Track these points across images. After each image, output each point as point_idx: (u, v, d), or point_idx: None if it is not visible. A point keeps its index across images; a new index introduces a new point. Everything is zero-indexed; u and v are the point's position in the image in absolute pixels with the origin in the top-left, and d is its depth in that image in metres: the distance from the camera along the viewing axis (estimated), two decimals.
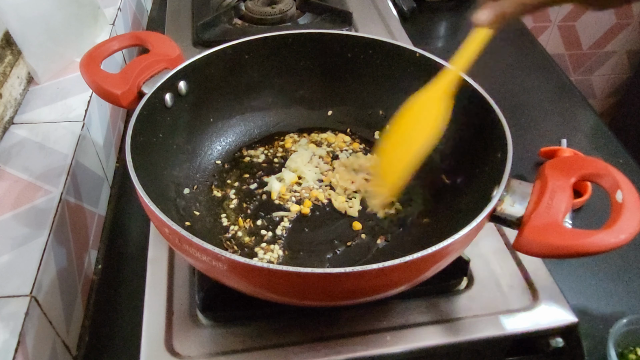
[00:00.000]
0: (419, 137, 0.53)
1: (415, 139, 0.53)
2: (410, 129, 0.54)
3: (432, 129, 0.52)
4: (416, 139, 0.53)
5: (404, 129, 0.55)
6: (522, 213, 0.44)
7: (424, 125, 0.53)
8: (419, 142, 0.52)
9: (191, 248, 0.41)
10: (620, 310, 0.59)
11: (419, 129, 0.53)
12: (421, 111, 0.54)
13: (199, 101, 0.62)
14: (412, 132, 0.54)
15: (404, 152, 0.53)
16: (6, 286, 0.49)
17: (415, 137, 0.53)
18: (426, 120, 0.53)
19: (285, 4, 0.95)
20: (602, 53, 1.79)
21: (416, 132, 0.54)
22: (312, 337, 0.49)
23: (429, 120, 0.53)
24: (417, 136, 0.53)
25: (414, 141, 0.53)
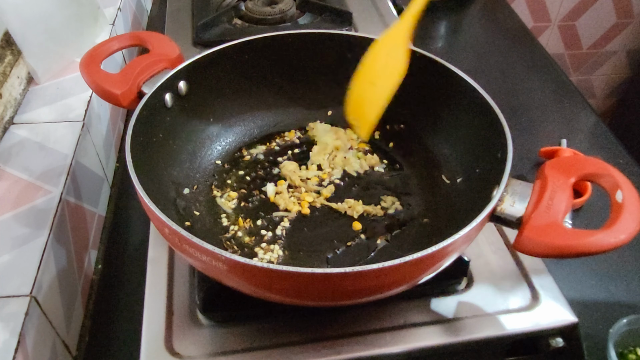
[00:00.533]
0: (384, 75, 0.59)
1: (381, 77, 0.59)
2: (376, 68, 0.60)
3: (396, 67, 0.58)
4: (382, 77, 0.59)
5: (370, 68, 0.60)
6: (522, 213, 0.44)
7: (388, 64, 0.59)
8: (386, 79, 0.58)
9: (191, 248, 0.41)
10: (620, 310, 0.59)
11: (384, 68, 0.59)
12: (385, 51, 0.60)
13: (199, 101, 0.62)
14: (378, 71, 0.60)
15: (373, 90, 0.59)
16: (6, 286, 0.49)
17: (381, 75, 0.59)
18: (390, 59, 0.59)
19: (285, 4, 0.95)
20: (602, 53, 1.79)
21: (382, 71, 0.59)
22: (312, 337, 0.49)
23: (392, 59, 0.59)
24: (383, 74, 0.59)
25: (380, 79, 0.59)
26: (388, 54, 0.60)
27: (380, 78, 0.60)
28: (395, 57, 0.59)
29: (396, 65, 0.58)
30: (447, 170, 0.61)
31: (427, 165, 0.63)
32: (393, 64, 0.59)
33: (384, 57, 0.60)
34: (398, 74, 0.58)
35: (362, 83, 0.60)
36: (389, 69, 0.59)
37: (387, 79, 0.59)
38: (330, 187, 0.62)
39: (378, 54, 0.60)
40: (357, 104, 0.61)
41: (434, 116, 0.64)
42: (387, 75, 0.59)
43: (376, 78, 0.60)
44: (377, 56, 0.60)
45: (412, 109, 0.66)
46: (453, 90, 0.58)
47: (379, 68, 0.60)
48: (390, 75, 0.58)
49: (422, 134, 0.65)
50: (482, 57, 1.02)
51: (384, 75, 0.59)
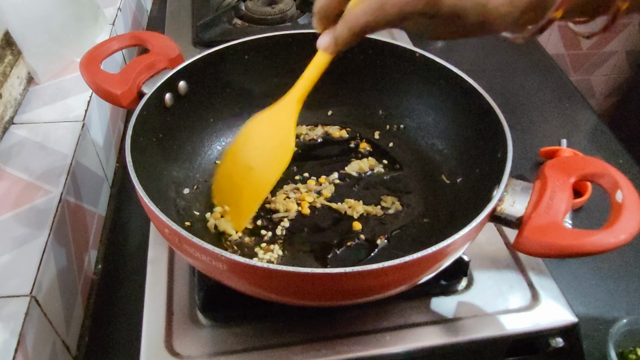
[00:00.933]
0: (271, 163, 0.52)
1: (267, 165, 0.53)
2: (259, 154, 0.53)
3: (285, 153, 0.52)
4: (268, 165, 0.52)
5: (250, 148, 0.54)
6: (522, 213, 0.44)
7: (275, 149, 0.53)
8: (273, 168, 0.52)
9: (191, 248, 0.41)
10: (620, 310, 0.59)
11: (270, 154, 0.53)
12: (271, 135, 0.53)
13: (199, 101, 0.62)
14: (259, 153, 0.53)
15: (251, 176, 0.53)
16: (6, 286, 0.49)
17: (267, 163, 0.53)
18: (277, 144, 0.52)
19: (285, 4, 0.95)
20: (602, 53, 1.79)
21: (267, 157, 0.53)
22: (312, 337, 0.49)
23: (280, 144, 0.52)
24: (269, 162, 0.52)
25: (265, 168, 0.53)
26: (273, 133, 0.53)
27: (262, 161, 0.53)
28: (281, 138, 0.52)
29: (282, 147, 0.52)
30: (447, 170, 0.61)
31: (427, 165, 0.63)
32: (279, 146, 0.52)
33: (268, 136, 0.53)
34: (284, 159, 0.52)
35: (238, 165, 0.54)
36: (274, 151, 0.52)
37: (271, 164, 0.52)
38: (330, 187, 0.62)
39: (260, 132, 0.53)
40: (230, 188, 0.55)
41: (433, 116, 0.64)
42: (271, 159, 0.52)
43: (256, 161, 0.53)
44: (259, 135, 0.53)
45: (412, 109, 0.66)
46: (453, 91, 0.58)
47: (260, 149, 0.53)
48: (275, 160, 0.52)
49: (422, 134, 0.65)
50: (482, 57, 1.02)
51: (266, 159, 0.52)
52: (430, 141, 0.64)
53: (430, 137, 0.64)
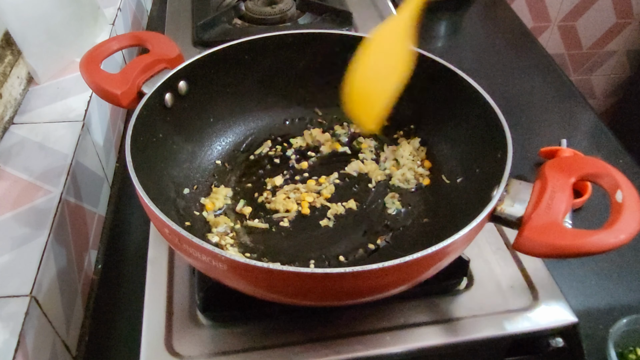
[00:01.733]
0: (386, 69, 0.55)
1: (383, 71, 0.56)
2: (375, 63, 0.56)
3: (398, 60, 0.55)
4: (384, 71, 0.55)
5: (370, 63, 0.56)
6: (522, 213, 0.44)
7: (392, 56, 0.56)
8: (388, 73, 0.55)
9: (191, 248, 0.41)
10: (620, 310, 0.59)
11: (388, 60, 0.56)
12: (388, 43, 0.56)
13: (199, 101, 0.62)
14: (378, 65, 0.56)
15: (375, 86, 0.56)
16: (6, 286, 0.49)
17: (383, 69, 0.56)
18: (394, 51, 0.55)
19: (285, 4, 0.95)
20: (602, 53, 1.79)
21: (385, 64, 0.56)
22: (312, 337, 0.49)
23: (396, 51, 0.55)
24: (387, 68, 0.55)
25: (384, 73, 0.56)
26: (388, 47, 0.57)
27: (382, 72, 0.57)
28: (396, 50, 0.56)
29: (398, 58, 0.55)
30: (447, 170, 0.61)
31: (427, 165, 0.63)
32: (395, 57, 0.56)
33: (384, 49, 0.57)
34: (401, 67, 0.55)
35: (362, 78, 0.57)
36: (391, 62, 0.56)
37: (390, 73, 0.56)
38: (330, 187, 0.62)
39: (376, 47, 0.57)
40: (358, 100, 0.58)
41: (434, 116, 0.64)
42: (389, 69, 0.56)
43: (377, 72, 0.57)
44: (376, 49, 0.57)
45: (412, 110, 0.66)
46: (453, 91, 0.58)
47: (379, 62, 0.57)
48: (393, 69, 0.56)
49: (422, 134, 0.65)
50: (482, 57, 1.02)
51: (385, 69, 0.56)
52: (430, 141, 0.64)
53: (430, 137, 0.64)
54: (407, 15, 0.55)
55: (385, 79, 0.56)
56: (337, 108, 0.70)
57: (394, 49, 0.56)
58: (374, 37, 0.57)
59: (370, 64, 0.57)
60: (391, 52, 0.56)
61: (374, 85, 0.57)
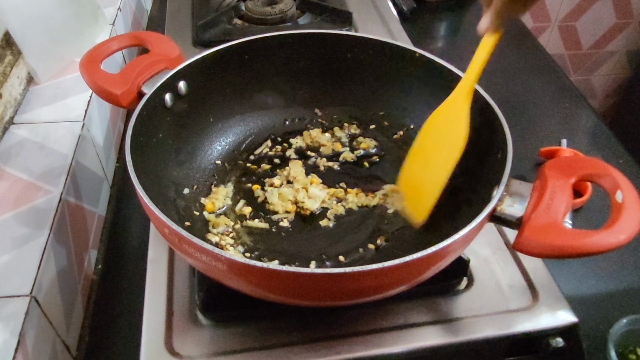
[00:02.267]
0: (445, 154, 0.52)
1: (442, 155, 0.53)
2: (435, 146, 0.55)
3: (457, 143, 0.52)
4: (443, 156, 0.53)
5: (429, 146, 0.55)
6: (522, 213, 0.44)
7: (448, 140, 0.53)
8: (447, 158, 0.52)
9: (191, 248, 0.41)
10: (620, 310, 0.59)
11: (445, 145, 0.53)
12: (444, 127, 0.54)
13: (198, 101, 0.62)
14: (437, 149, 0.54)
15: (434, 172, 0.53)
16: (6, 286, 0.49)
17: (442, 153, 0.53)
18: (450, 135, 0.53)
19: (285, 4, 0.95)
20: (602, 53, 1.79)
21: (442, 149, 0.53)
22: (312, 337, 0.49)
23: (453, 135, 0.52)
24: (444, 153, 0.53)
25: (441, 158, 0.53)
26: (448, 125, 0.53)
27: (438, 154, 0.53)
28: (455, 127, 0.52)
29: (456, 136, 0.52)
30: None
31: None
32: (453, 136, 0.52)
33: (442, 128, 0.54)
34: (459, 147, 0.51)
35: (417, 161, 0.55)
36: (448, 142, 0.52)
37: (447, 155, 0.52)
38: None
39: (437, 125, 0.54)
40: (411, 185, 0.56)
41: None
42: (447, 150, 0.52)
43: (433, 154, 0.54)
44: (436, 127, 0.54)
45: (412, 109, 0.66)
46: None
47: (436, 142, 0.54)
48: (451, 150, 0.52)
49: None
50: None
51: (442, 151, 0.53)
52: None
53: None
54: (471, 81, 0.52)
55: (445, 163, 0.52)
56: (337, 108, 0.70)
57: (456, 125, 0.53)
58: (436, 114, 0.55)
59: (429, 145, 0.55)
60: (452, 129, 0.53)
61: (431, 170, 0.54)
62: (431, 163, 0.54)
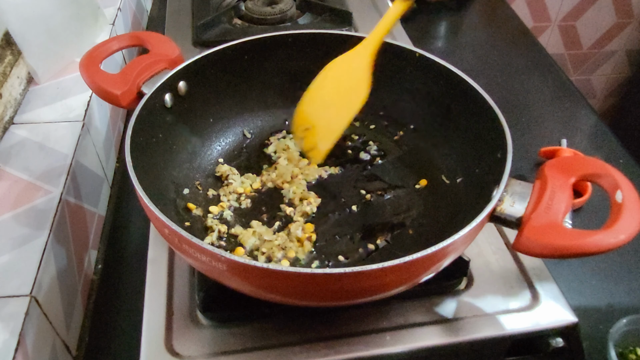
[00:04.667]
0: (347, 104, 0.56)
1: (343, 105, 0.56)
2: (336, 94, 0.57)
3: (359, 97, 0.55)
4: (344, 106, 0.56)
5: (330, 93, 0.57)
6: (522, 213, 0.44)
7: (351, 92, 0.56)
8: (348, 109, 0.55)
9: (191, 248, 0.41)
10: (620, 310, 0.59)
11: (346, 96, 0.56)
12: (347, 78, 0.56)
13: (198, 101, 0.62)
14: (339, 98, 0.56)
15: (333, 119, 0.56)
16: (6, 286, 0.49)
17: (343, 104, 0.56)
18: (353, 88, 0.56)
19: (285, 4, 0.95)
20: (602, 53, 1.79)
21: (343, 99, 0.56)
22: (312, 337, 0.49)
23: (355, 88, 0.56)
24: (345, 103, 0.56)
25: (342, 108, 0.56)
26: (349, 77, 0.56)
27: (339, 103, 0.56)
28: (358, 81, 0.56)
29: (359, 89, 0.55)
30: (447, 170, 0.61)
31: (427, 165, 0.63)
32: (355, 88, 0.56)
33: (344, 79, 0.56)
34: (360, 101, 0.55)
35: (317, 104, 0.57)
36: (351, 93, 0.56)
37: (348, 106, 0.55)
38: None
39: (336, 75, 0.57)
40: (309, 124, 0.58)
41: (434, 116, 0.64)
42: (348, 101, 0.56)
43: (334, 102, 0.56)
44: (337, 76, 0.57)
45: (412, 109, 0.66)
46: (453, 91, 0.58)
47: (338, 91, 0.57)
48: (352, 102, 0.55)
49: (422, 133, 0.65)
50: (482, 57, 1.02)
51: (344, 101, 0.56)
52: (430, 141, 0.64)
53: (430, 137, 0.64)
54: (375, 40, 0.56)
55: (345, 111, 0.56)
56: None
57: (358, 78, 0.56)
58: (338, 63, 0.57)
59: (331, 91, 0.57)
60: (355, 81, 0.56)
61: (331, 115, 0.56)
62: (331, 109, 0.57)
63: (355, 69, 0.56)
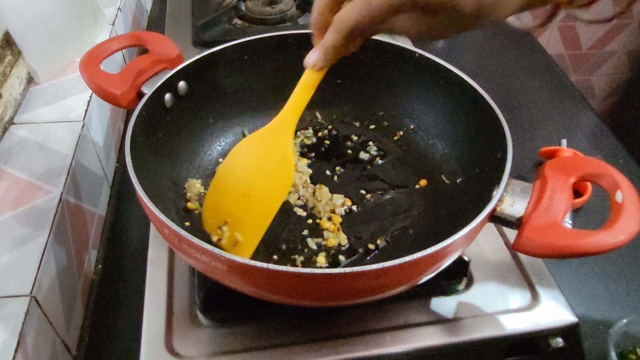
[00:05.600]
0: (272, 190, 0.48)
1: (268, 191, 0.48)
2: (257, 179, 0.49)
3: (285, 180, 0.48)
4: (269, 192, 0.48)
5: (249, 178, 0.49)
6: (522, 213, 0.44)
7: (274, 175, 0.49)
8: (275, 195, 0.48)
9: (191, 248, 0.41)
10: (620, 310, 0.59)
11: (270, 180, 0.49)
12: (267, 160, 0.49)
13: (198, 101, 0.62)
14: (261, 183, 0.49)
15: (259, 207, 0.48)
16: (6, 286, 0.49)
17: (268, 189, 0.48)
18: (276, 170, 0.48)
19: (285, 4, 0.95)
20: (602, 53, 1.79)
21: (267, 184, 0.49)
22: (312, 337, 0.49)
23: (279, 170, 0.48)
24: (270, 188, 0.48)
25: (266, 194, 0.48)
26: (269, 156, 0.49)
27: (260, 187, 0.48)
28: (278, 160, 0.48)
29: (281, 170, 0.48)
30: (447, 170, 0.61)
31: (427, 165, 0.63)
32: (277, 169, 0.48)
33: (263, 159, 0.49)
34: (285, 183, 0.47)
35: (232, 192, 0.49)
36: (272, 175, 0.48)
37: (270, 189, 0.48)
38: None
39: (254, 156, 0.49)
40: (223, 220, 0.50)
41: (433, 116, 0.64)
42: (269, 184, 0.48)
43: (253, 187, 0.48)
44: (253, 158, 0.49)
45: (412, 110, 0.66)
46: (453, 91, 0.58)
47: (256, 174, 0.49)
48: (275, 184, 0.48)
49: (422, 134, 0.65)
50: (482, 57, 1.02)
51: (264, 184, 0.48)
52: (430, 141, 0.64)
53: (430, 138, 0.64)
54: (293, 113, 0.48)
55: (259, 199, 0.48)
56: (337, 108, 0.70)
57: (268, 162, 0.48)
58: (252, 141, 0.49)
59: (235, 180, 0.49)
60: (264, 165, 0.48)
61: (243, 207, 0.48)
62: (249, 197, 0.49)
63: (274, 144, 0.49)
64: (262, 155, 0.50)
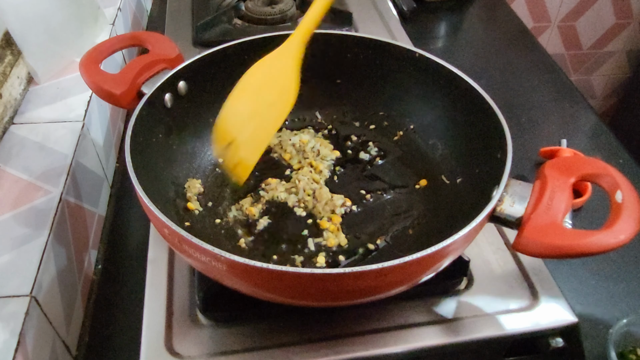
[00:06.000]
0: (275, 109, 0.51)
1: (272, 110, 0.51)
2: (263, 99, 0.52)
3: (288, 99, 0.51)
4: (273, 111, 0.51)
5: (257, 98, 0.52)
6: (522, 213, 0.44)
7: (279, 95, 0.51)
8: (277, 114, 0.50)
9: (191, 249, 0.41)
10: (620, 310, 0.59)
11: (275, 100, 0.51)
12: (274, 80, 0.52)
13: (198, 101, 0.62)
14: (267, 103, 0.51)
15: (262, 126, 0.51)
16: (6, 286, 0.49)
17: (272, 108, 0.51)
18: (281, 90, 0.51)
19: (285, 4, 0.95)
20: (602, 53, 1.79)
21: (272, 103, 0.51)
22: (312, 337, 0.49)
23: (283, 90, 0.51)
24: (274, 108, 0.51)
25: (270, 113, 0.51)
26: (275, 78, 0.51)
27: (263, 109, 0.50)
28: (284, 82, 0.50)
29: (285, 92, 0.50)
30: (447, 171, 0.61)
31: (427, 165, 0.63)
32: (281, 91, 0.50)
33: (270, 81, 0.51)
34: (289, 103, 0.50)
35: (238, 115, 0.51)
36: (276, 97, 0.51)
37: (273, 110, 0.50)
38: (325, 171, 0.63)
39: (262, 77, 0.51)
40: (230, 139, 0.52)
41: (433, 116, 0.64)
42: (273, 106, 0.50)
43: (257, 109, 0.51)
44: (261, 80, 0.51)
45: (412, 110, 0.66)
46: (453, 91, 0.58)
47: (260, 97, 0.51)
48: (277, 106, 0.50)
49: (422, 134, 0.65)
50: (482, 57, 1.02)
51: (268, 106, 0.50)
52: (430, 141, 0.64)
53: (430, 137, 0.64)
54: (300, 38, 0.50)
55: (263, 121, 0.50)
56: (337, 108, 0.70)
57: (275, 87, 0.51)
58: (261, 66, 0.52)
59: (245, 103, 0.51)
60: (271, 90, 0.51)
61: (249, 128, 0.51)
62: (254, 119, 0.51)
63: (280, 71, 0.51)
64: (269, 79, 0.52)
